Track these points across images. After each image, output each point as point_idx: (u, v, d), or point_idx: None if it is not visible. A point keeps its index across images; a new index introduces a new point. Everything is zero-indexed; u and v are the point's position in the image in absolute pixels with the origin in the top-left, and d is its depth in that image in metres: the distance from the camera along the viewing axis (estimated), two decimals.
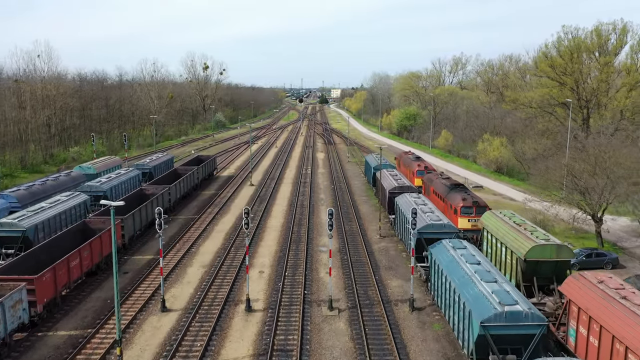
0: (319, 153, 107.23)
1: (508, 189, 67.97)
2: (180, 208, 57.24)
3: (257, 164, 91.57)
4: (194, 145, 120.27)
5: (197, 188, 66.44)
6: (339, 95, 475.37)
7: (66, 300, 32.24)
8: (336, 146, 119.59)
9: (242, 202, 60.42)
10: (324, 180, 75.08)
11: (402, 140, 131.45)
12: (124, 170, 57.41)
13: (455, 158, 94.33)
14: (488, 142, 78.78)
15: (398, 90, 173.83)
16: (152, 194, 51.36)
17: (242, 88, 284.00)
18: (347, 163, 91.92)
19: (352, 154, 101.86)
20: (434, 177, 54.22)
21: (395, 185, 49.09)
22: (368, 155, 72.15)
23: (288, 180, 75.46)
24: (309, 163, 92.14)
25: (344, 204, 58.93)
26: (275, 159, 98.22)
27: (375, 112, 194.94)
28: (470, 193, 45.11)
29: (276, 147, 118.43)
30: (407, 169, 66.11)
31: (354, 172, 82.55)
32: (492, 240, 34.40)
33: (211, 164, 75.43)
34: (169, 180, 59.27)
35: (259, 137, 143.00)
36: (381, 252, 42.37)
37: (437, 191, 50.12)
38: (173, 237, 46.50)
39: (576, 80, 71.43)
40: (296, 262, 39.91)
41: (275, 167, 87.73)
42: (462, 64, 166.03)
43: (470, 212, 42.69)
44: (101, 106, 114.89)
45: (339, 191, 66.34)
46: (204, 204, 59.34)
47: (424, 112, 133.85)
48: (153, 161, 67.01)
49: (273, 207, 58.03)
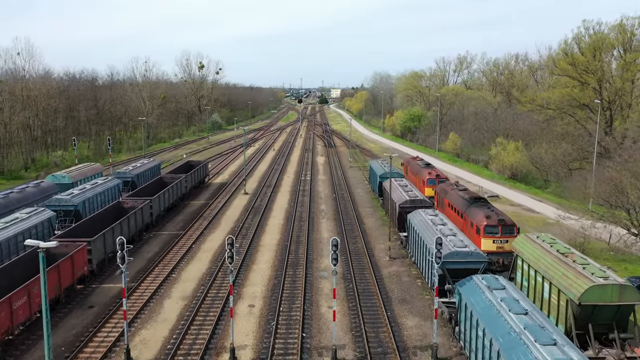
0: (319, 157, 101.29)
1: (526, 198, 62.02)
2: (164, 222, 51.27)
3: (253, 169, 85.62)
4: (187, 149, 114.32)
5: (185, 198, 60.51)
6: (338, 95, 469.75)
7: (8, 348, 26.25)
8: (337, 149, 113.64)
9: (234, 214, 54.48)
10: (324, 188, 69.12)
11: (405, 142, 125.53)
12: (102, 180, 51.42)
13: (465, 163, 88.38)
14: (502, 146, 72.84)
15: (401, 90, 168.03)
16: (131, 208, 45.45)
17: (240, 88, 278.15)
18: (349, 168, 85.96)
19: (355, 158, 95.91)
20: (448, 187, 48.28)
21: (406, 199, 43.11)
22: (372, 161, 66.23)
23: (286, 188, 69.50)
24: (309, 168, 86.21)
25: (347, 218, 52.98)
26: (273, 163, 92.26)
27: (377, 113, 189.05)
28: (494, 209, 39.18)
29: (274, 150, 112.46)
30: (417, 177, 60.19)
31: (357, 178, 76.60)
32: (529, 272, 28.46)
33: (202, 170, 69.48)
34: (152, 190, 53.36)
35: (256, 139, 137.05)
36: (392, 278, 36.44)
37: (453, 205, 44.20)
38: (152, 258, 40.57)
39: (599, 80, 65.54)
40: (293, 291, 33.99)
41: (272, 172, 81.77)
42: (467, 62, 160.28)
43: (495, 231, 36.77)
44: (90, 107, 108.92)
45: (341, 201, 60.39)
46: (191, 217, 53.38)
47: (428, 114, 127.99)
48: (136, 168, 60.89)
49: (268, 221, 52.07)
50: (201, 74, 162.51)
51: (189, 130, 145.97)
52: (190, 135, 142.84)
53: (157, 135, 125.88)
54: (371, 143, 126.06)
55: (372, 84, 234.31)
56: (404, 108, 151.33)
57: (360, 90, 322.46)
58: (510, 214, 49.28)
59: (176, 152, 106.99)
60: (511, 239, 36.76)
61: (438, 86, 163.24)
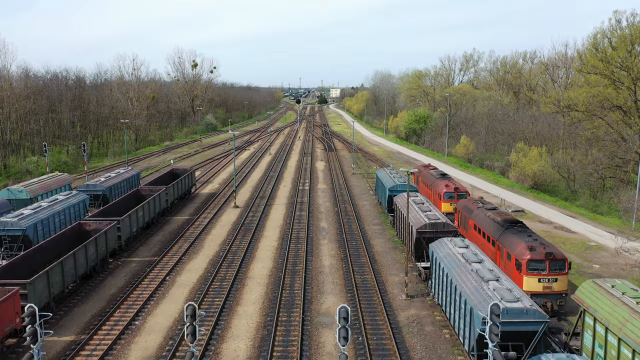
0: (319, 162, 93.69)
1: (555, 213, 54.44)
2: (137, 245, 43.68)
3: (246, 176, 78.01)
4: (177, 152, 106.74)
5: (166, 213, 52.95)
6: (338, 95, 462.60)
7: None
8: (338, 153, 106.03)
9: (220, 234, 46.90)
10: (325, 200, 61.54)
11: (410, 145, 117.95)
12: (64, 196, 43.74)
13: (478, 170, 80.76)
14: (522, 152, 65.27)
15: (404, 90, 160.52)
16: (95, 231, 37.94)
17: (238, 87, 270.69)
18: (352, 176, 78.36)
19: (357, 164, 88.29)
20: (472, 205, 40.71)
21: (425, 222, 35.51)
22: (380, 171, 58.64)
23: (281, 199, 61.92)
24: (307, 175, 78.62)
25: (352, 239, 45.39)
26: (268, 170, 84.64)
27: (378, 114, 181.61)
28: (537, 237, 31.62)
29: (270, 154, 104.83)
30: (430, 190, 52.64)
31: (361, 188, 69.01)
32: (608, 338, 20.89)
33: (188, 179, 61.86)
34: (125, 206, 45.81)
35: (252, 141, 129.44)
36: (412, 327, 28.88)
37: (481, 228, 36.68)
38: (114, 296, 33.02)
39: (635, 78, 58.00)
40: (286, 348, 26.47)
41: (267, 181, 74.16)
42: (474, 60, 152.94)
43: (540, 268, 29.26)
44: (74, 108, 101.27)
45: (344, 216, 52.83)
46: (170, 237, 45.80)
47: (434, 115, 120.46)
48: (109, 180, 53.09)
49: (260, 243, 44.48)
50: (194, 72, 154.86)
51: (181, 132, 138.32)
52: (182, 137, 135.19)
53: (146, 138, 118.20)
54: (374, 146, 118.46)
55: (373, 83, 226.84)
56: (407, 109, 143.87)
57: (361, 90, 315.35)
58: (542, 234, 41.87)
59: (165, 157, 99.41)
60: (561, 277, 29.35)
61: (443, 86, 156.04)
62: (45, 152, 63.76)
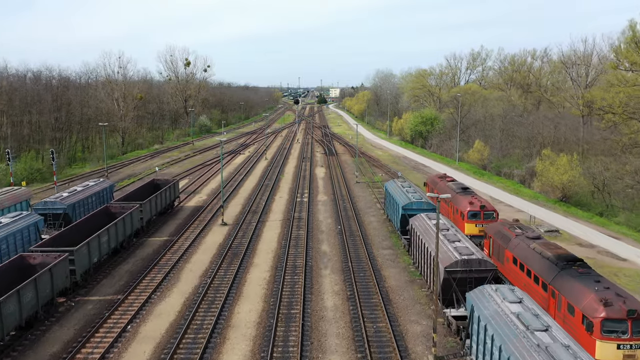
0: (319, 168, 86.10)
1: (594, 233, 46.84)
2: (100, 277, 36.09)
3: (239, 185, 70.43)
4: (166, 157, 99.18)
5: (141, 233, 45.37)
6: (337, 95, 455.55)
7: None
8: (339, 157, 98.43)
9: (202, 261, 39.35)
10: (326, 215, 53.96)
11: (417, 149, 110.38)
12: (9, 218, 36.05)
13: (495, 178, 73.11)
14: (549, 160, 57.72)
15: (407, 89, 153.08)
16: (41, 265, 30.40)
17: (235, 87, 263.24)
18: (356, 185, 70.74)
19: (361, 170, 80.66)
20: (508, 231, 33.15)
21: (455, 259, 27.84)
22: (389, 183, 50.98)
23: (276, 214, 54.36)
24: (306, 184, 71.04)
25: (360, 268, 37.80)
26: (263, 177, 77.03)
27: (381, 114, 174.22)
28: (611, 285, 24.08)
29: (266, 159, 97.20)
30: (449, 207, 45.10)
31: (366, 199, 61.44)
32: None
33: (170, 191, 54.29)
34: (89, 228, 38.22)
35: (247, 144, 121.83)
36: None
37: (525, 264, 29.16)
38: (56, 357, 25.45)
39: None
40: None
41: (262, 191, 66.56)
42: (481, 59, 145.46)
43: (622, 329, 21.75)
44: (53, 109, 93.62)
45: (349, 237, 45.26)
46: (141, 267, 38.22)
47: (441, 116, 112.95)
48: (74, 195, 45.22)
49: (249, 274, 36.90)
50: (187, 71, 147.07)
51: (172, 135, 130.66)
52: (173, 140, 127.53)
53: (134, 141, 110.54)
54: (377, 150, 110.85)
55: (375, 82, 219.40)
56: (411, 109, 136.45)
57: (361, 89, 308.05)
58: (588, 263, 34.26)
59: (152, 162, 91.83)
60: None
61: (449, 85, 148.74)
62: (8, 159, 56.12)
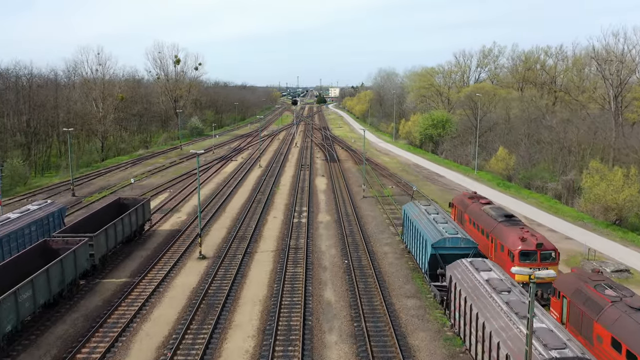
0: (319, 178, 76.00)
1: None
2: (18, 350, 25.98)
3: (226, 201, 60.34)
4: (149, 164, 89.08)
5: (91, 273, 35.22)
6: (337, 95, 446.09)
7: None
8: (342, 165, 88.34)
9: (165, 317, 29.25)
10: (329, 244, 43.84)
11: (427, 155, 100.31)
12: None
13: (524, 191, 62.85)
14: (599, 174, 47.65)
15: (413, 89, 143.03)
16: None
17: (231, 87, 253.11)
18: (362, 200, 60.68)
19: (368, 182, 70.37)
20: (594, 292, 23.10)
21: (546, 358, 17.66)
22: (409, 206, 40.69)
23: (268, 242, 44.28)
24: (305, 199, 60.99)
25: (377, 331, 27.70)
26: (255, 190, 66.91)
27: (384, 116, 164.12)
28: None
29: (260, 166, 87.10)
30: (490, 239, 34.97)
31: (377, 220, 51.36)
32: None
33: (139, 214, 44.19)
34: (19, 273, 28.08)
35: (241, 149, 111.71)
36: None
37: (633, 350, 19.11)
38: None
39: None
40: None
41: (252, 209, 56.47)
42: (494, 56, 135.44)
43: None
44: (23, 111, 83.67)
45: (359, 279, 35.19)
46: (79, 331, 28.09)
47: (454, 118, 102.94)
48: (2, 226, 34.85)
49: (225, 344, 26.80)
50: (177, 70, 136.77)
51: (159, 138, 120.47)
52: (161, 144, 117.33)
53: (116, 146, 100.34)
54: (383, 155, 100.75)
55: (375, 82, 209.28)
56: (417, 110, 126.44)
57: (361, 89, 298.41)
58: None
59: (132, 171, 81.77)
60: None
61: (458, 85, 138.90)
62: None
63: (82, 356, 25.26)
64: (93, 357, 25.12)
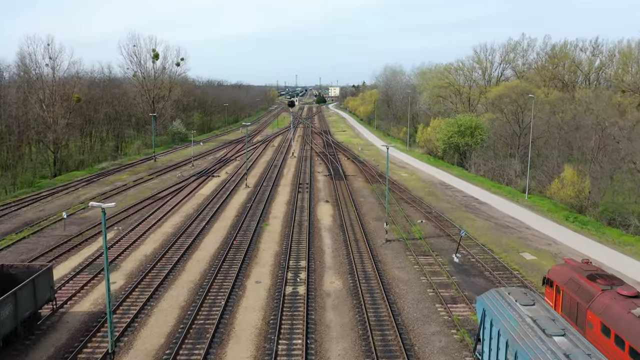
0: (322, 206, 57.97)
1: None
2: None
3: (190, 249, 42.37)
4: (107, 182, 71.10)
5: None
6: (337, 94, 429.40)
7: None
8: (350, 183, 70.41)
9: None
10: (342, 347, 25.90)
11: (453, 169, 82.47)
12: None
13: (605, 229, 44.83)
14: None
15: (428, 87, 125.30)
16: None
17: (225, 86, 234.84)
18: (384, 246, 42.71)
19: (391, 217, 51.76)
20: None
21: None
22: (489, 299, 22.94)
23: (243, 346, 26.36)
24: (303, 249, 43.01)
25: None
26: (234, 228, 48.93)
27: (393, 118, 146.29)
28: None
29: (247, 186, 69.12)
30: (618, 347, 17.90)
31: (413, 287, 33.39)
32: None
33: (29, 294, 26.43)
34: None
35: (228, 160, 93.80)
36: None
37: None
38: None
39: None
40: None
41: (226, 265, 38.50)
42: (522, 49, 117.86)
43: None
44: None
45: None
46: None
47: (484, 123, 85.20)
48: None
49: None
50: (156, 67, 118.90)
51: (132, 146, 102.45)
52: (133, 153, 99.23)
53: (71, 158, 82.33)
54: (400, 169, 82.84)
55: (382, 80, 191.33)
56: (436, 114, 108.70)
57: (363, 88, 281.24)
58: None
59: (83, 192, 63.93)
60: None
61: (480, 84, 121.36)
62: None
63: None
64: None
